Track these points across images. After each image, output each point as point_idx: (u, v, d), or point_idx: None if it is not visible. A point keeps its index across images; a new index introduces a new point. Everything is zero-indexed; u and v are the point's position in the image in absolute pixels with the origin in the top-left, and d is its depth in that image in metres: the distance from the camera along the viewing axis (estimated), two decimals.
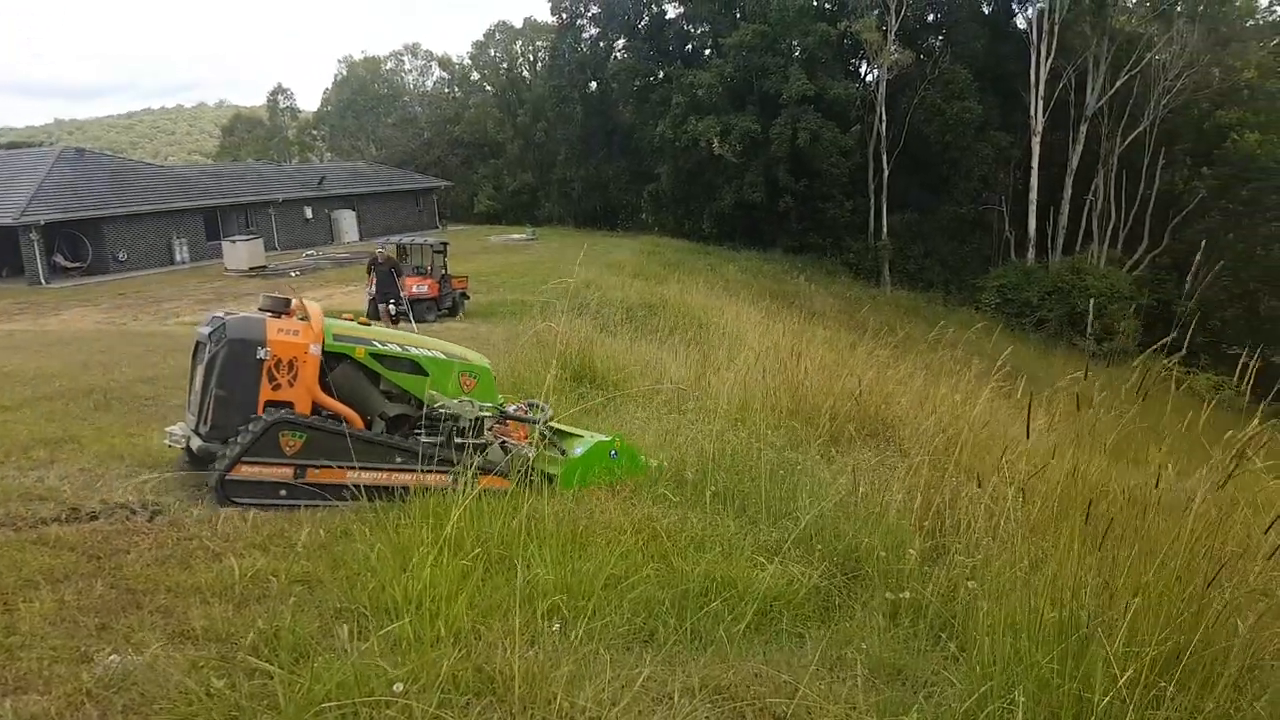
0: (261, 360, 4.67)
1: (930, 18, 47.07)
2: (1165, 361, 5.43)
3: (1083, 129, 40.38)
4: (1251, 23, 44.07)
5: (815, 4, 45.92)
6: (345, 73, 78.69)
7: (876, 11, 41.69)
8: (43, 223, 31.24)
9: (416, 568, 3.51)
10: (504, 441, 5.34)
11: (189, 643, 3.05)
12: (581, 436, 5.70)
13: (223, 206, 39.84)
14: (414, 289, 20.37)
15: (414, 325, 17.00)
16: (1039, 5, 40.43)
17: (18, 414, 7.26)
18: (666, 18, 51.86)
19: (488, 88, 71.92)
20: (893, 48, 40.95)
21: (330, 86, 80.00)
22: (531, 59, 71.85)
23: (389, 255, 18.28)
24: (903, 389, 8.79)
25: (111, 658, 2.89)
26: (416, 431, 5.10)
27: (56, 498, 4.78)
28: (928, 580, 4.17)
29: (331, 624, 3.22)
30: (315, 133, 79.71)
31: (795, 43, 43.38)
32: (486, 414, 5.19)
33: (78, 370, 9.39)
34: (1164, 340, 6.09)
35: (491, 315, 19.58)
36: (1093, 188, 41.58)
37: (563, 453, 5.49)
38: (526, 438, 5.59)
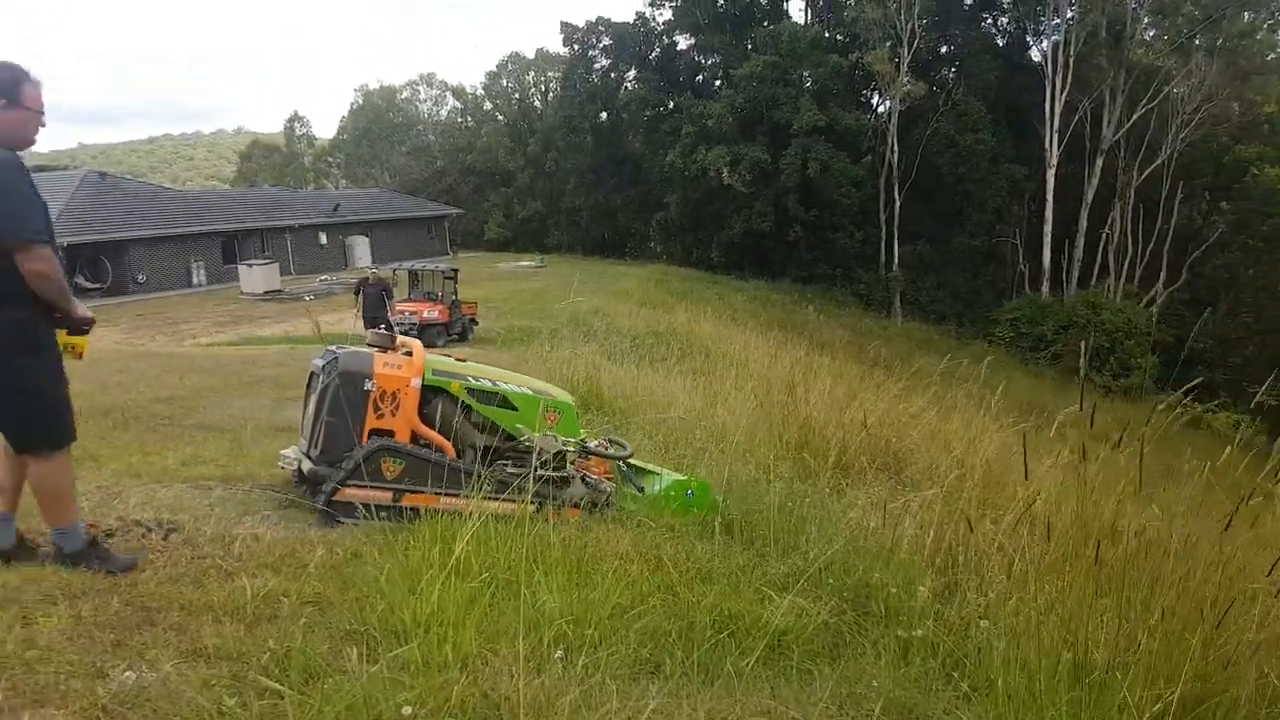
0: (368, 391, 4.95)
1: (943, 50, 47.50)
2: (1183, 399, 5.42)
3: (1099, 162, 40.38)
4: (1272, 56, 44.26)
5: (827, 36, 46.35)
6: (361, 101, 79.68)
7: (889, 43, 41.97)
8: (65, 244, 31.60)
9: (425, 591, 3.53)
10: (584, 476, 5.49)
11: (201, 661, 3.06)
12: (659, 474, 5.84)
13: (240, 231, 40.27)
14: (425, 314, 20.52)
15: None
16: (1054, 38, 40.67)
17: None
18: (678, 49, 52.53)
19: (500, 117, 72.66)
20: (905, 79, 41.19)
21: (346, 115, 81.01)
22: (543, 89, 72.72)
23: (380, 277, 17.82)
24: (915, 422, 8.78)
25: (126, 674, 2.92)
26: (503, 463, 5.30)
27: None
28: (939, 618, 4.15)
29: (341, 645, 3.24)
30: (331, 160, 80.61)
31: (806, 74, 43.77)
32: (569, 448, 5.38)
33: (96, 390, 9.46)
34: (1192, 380, 6.07)
35: (500, 341, 19.65)
36: (1109, 221, 41.52)
37: (640, 490, 5.64)
38: (607, 473, 5.75)
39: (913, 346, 30.83)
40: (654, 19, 52.14)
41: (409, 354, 5.24)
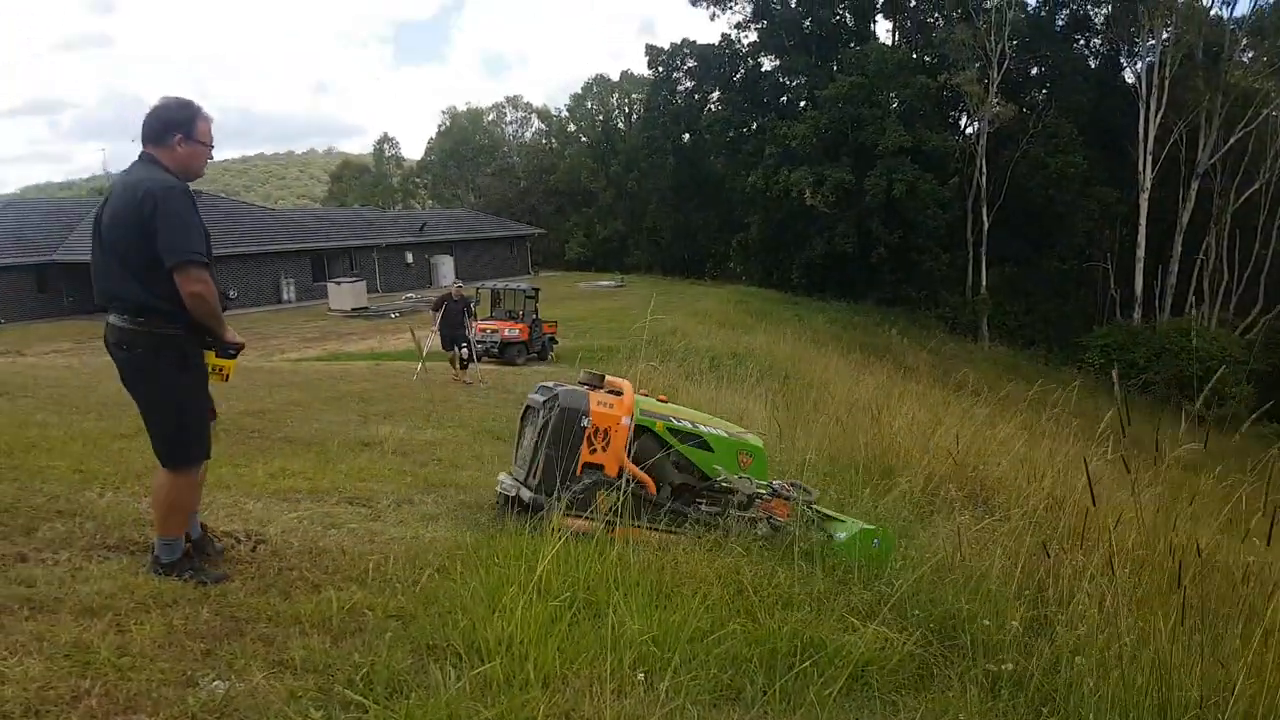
0: (584, 428, 5.24)
1: (1034, 71, 46.58)
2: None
3: (1194, 186, 39.08)
4: None
5: (914, 57, 45.84)
6: (449, 123, 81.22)
7: (978, 64, 41.27)
8: None
9: (507, 608, 3.53)
10: (771, 518, 5.65)
11: (288, 672, 3.10)
12: (844, 521, 5.94)
13: (329, 249, 41.37)
14: (506, 332, 20.84)
15: (476, 365, 16.69)
16: (1149, 59, 39.57)
17: (133, 442, 7.58)
18: (762, 70, 52.49)
19: (583, 139, 73.47)
20: (994, 100, 40.43)
21: (434, 136, 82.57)
22: (627, 111, 73.27)
23: (463, 293, 17.36)
24: (1002, 450, 8.54)
25: (216, 683, 2.97)
26: (698, 501, 5.58)
27: None
28: (1029, 652, 4.01)
29: (425, 660, 3.26)
30: (418, 180, 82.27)
31: (893, 94, 43.29)
32: (761, 490, 5.59)
33: None
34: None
35: (579, 360, 19.77)
36: (1204, 246, 40.08)
37: (830, 536, 5.72)
38: (789, 516, 5.86)
39: (1000, 372, 30.03)
40: (739, 41, 52.29)
41: (616, 392, 5.51)
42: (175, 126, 3.81)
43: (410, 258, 45.82)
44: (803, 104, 49.39)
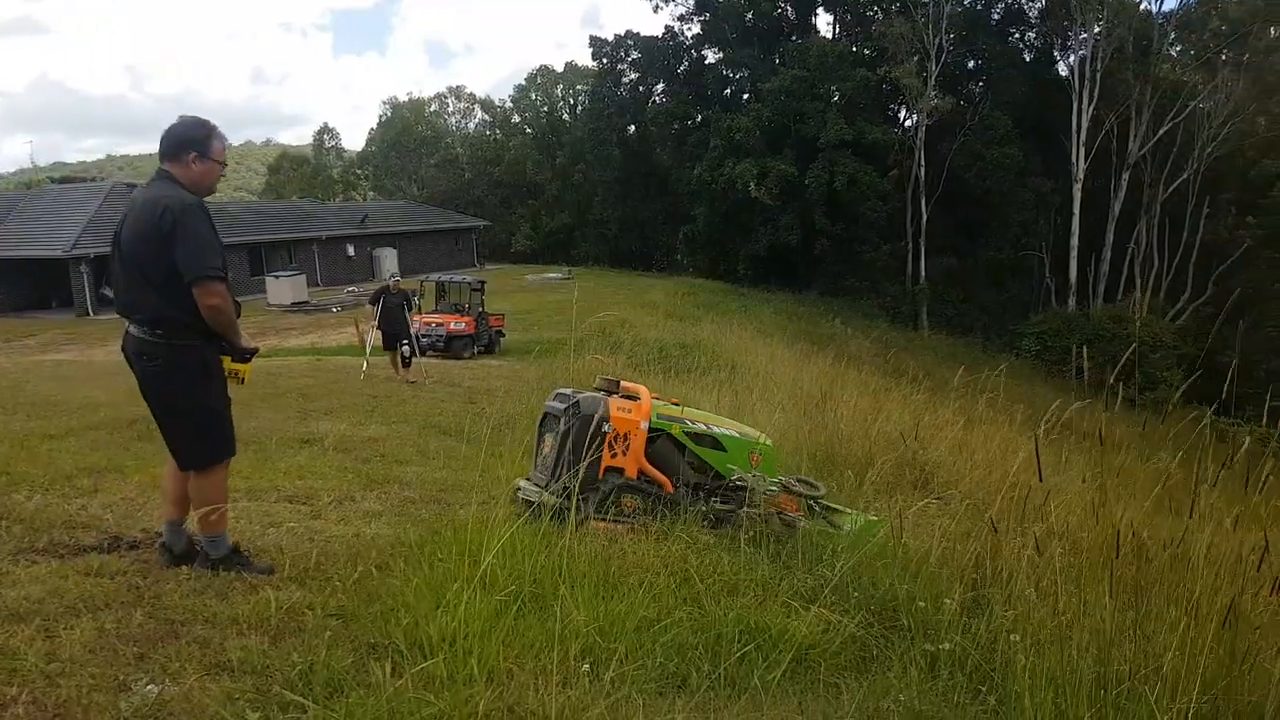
0: (605, 433, 5.37)
1: (971, 64, 47.44)
2: (1207, 412, 5.34)
3: (1125, 176, 40.18)
4: None
5: (855, 50, 46.36)
6: (390, 114, 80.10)
7: (916, 58, 41.89)
8: (93, 256, 31.94)
9: (451, 604, 3.50)
10: (781, 513, 5.77)
11: (225, 674, 3.04)
12: (850, 514, 6.13)
13: (267, 242, 40.56)
14: (451, 326, 20.64)
15: (420, 360, 16.31)
16: (1081, 53, 40.51)
17: (64, 442, 7.39)
18: (706, 63, 52.63)
19: (528, 130, 72.98)
20: (932, 94, 41.08)
21: (375, 127, 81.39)
22: (572, 102, 72.96)
23: (401, 287, 16.64)
24: (941, 434, 8.69)
25: (149, 687, 2.90)
26: (714, 500, 5.70)
27: (99, 526, 4.83)
28: (967, 632, 4.09)
29: (366, 659, 3.22)
30: (359, 172, 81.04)
31: (834, 88, 43.73)
32: (774, 488, 5.74)
33: (122, 400, 9.51)
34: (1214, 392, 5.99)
35: (526, 353, 19.66)
36: (1135, 235, 41.25)
37: (835, 528, 5.86)
38: (797, 510, 6.00)
39: (939, 359, 30.55)
40: (683, 33, 52.34)
41: (633, 397, 5.64)
42: (191, 145, 3.99)
43: (352, 250, 45.12)
44: (746, 97, 49.66)
